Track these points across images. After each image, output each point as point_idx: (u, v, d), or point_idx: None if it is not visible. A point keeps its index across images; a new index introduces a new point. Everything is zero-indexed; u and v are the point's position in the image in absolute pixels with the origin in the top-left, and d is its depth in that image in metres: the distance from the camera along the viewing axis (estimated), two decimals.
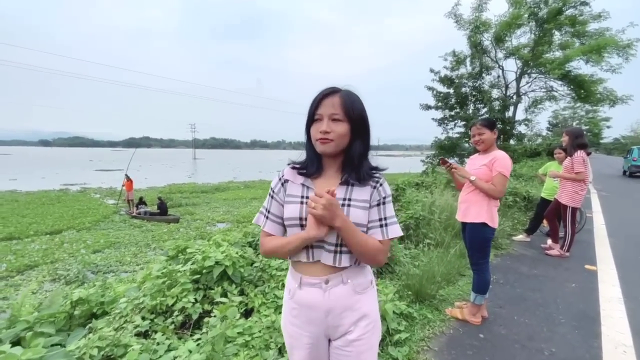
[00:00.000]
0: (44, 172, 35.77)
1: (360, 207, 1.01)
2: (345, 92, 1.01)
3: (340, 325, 1.04)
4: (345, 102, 0.99)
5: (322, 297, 1.02)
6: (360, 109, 1.02)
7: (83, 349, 1.76)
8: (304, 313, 1.06)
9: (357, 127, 1.01)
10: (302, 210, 1.02)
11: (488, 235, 2.35)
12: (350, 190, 1.02)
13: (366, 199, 1.02)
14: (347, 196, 1.02)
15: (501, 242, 4.49)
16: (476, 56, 16.70)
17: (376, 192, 1.03)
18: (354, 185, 1.03)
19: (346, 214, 0.99)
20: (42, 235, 10.69)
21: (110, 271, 7.62)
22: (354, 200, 1.01)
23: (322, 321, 1.04)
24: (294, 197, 1.05)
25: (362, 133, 1.02)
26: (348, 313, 1.03)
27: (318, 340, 1.07)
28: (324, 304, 1.02)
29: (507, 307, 2.78)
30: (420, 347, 2.14)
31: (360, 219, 1.00)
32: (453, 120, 17.91)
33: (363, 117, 1.02)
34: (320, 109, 1.00)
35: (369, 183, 1.03)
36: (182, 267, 2.70)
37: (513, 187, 6.67)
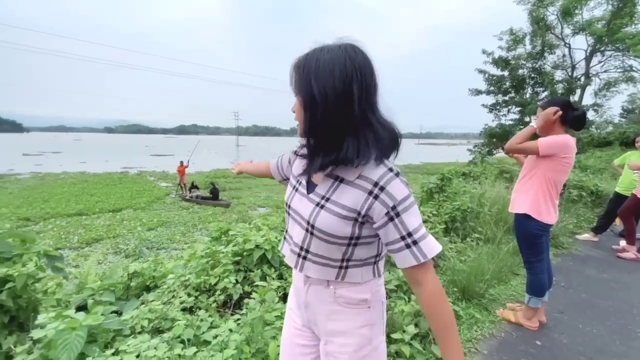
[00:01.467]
0: (108, 156, 39.74)
1: (335, 214, 0.76)
2: (302, 60, 0.75)
3: (316, 325, 0.92)
4: (299, 73, 0.75)
5: (303, 288, 0.91)
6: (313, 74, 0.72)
7: (135, 319, 1.89)
8: (294, 294, 1.00)
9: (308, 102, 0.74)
10: (289, 195, 0.90)
11: (533, 230, 2.07)
12: (335, 187, 0.79)
13: (348, 205, 0.76)
14: (327, 194, 0.79)
15: (562, 240, 4.02)
16: (538, 33, 14.99)
17: (377, 202, 0.74)
18: (343, 181, 0.78)
19: (314, 216, 0.79)
20: (106, 212, 11.92)
21: (162, 248, 8.28)
22: (331, 202, 0.78)
23: (303, 310, 0.94)
24: (294, 178, 0.92)
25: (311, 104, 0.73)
26: (323, 319, 0.88)
27: (296, 321, 0.98)
28: (303, 296, 0.91)
29: (569, 314, 2.48)
30: (467, 349, 1.99)
31: (329, 227, 0.76)
32: (507, 105, 16.44)
33: (310, 84, 0.72)
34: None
35: (362, 185, 0.75)
36: (225, 248, 2.79)
37: (578, 180, 5.93)
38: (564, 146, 1.92)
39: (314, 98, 0.72)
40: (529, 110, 14.50)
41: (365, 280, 0.84)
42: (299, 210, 0.85)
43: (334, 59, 0.72)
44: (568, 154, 1.94)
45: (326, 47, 0.74)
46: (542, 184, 2.01)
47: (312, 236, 0.82)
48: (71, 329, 1.54)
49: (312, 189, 0.84)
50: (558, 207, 2.12)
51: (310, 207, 0.82)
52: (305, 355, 0.97)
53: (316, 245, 0.82)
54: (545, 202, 2.01)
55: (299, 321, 0.98)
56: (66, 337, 1.50)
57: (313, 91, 0.72)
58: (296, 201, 0.87)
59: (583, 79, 15.41)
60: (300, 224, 0.85)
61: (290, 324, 1.01)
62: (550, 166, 1.98)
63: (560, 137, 1.95)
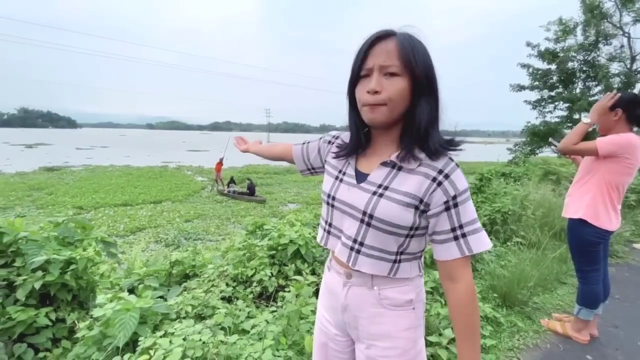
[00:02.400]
0: (149, 150, 42.39)
1: (397, 201, 0.74)
2: (404, 35, 0.72)
3: (356, 328, 0.87)
4: (404, 47, 0.70)
5: (342, 290, 0.86)
6: (426, 57, 0.73)
7: (180, 304, 2.01)
8: (328, 296, 0.93)
9: (421, 83, 0.72)
10: (333, 187, 0.85)
11: (589, 237, 1.91)
12: (394, 175, 0.76)
13: (410, 192, 0.74)
14: (384, 182, 0.77)
15: (617, 249, 3.69)
16: (592, 23, 13.71)
17: (440, 189, 0.72)
18: (402, 169, 0.76)
19: (373, 204, 0.75)
20: (148, 203, 12.75)
21: (198, 239, 8.70)
22: (391, 190, 0.75)
23: (339, 314, 0.89)
24: (334, 168, 0.88)
25: (429, 92, 0.73)
26: (365, 322, 0.84)
27: (330, 327, 0.93)
28: (342, 298, 0.87)
29: (625, 329, 2.27)
30: (508, 358, 1.90)
31: (391, 216, 0.74)
32: (553, 101, 15.25)
33: (429, 70, 0.73)
34: (368, 59, 0.73)
35: (425, 171, 0.74)
36: (260, 242, 2.88)
37: (638, 183, 5.39)
38: (626, 146, 1.75)
39: (430, 80, 0.73)
40: (578, 106, 13.37)
41: (413, 276, 0.82)
42: (349, 201, 0.81)
43: (424, 47, 0.74)
44: (631, 155, 1.77)
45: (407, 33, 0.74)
46: (601, 187, 1.85)
47: (368, 227, 0.77)
48: (126, 310, 1.67)
49: (363, 178, 0.81)
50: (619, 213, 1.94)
51: (365, 196, 0.78)
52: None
53: (372, 237, 0.78)
54: (605, 206, 1.84)
55: (333, 324, 0.93)
56: (122, 317, 1.63)
57: (429, 74, 0.73)
58: (343, 192, 0.83)
59: None
60: (352, 216, 0.80)
61: (322, 328, 0.97)
62: (610, 168, 1.81)
63: (622, 135, 1.78)
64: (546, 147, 14.10)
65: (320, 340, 0.97)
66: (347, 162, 0.87)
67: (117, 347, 1.54)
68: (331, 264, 0.93)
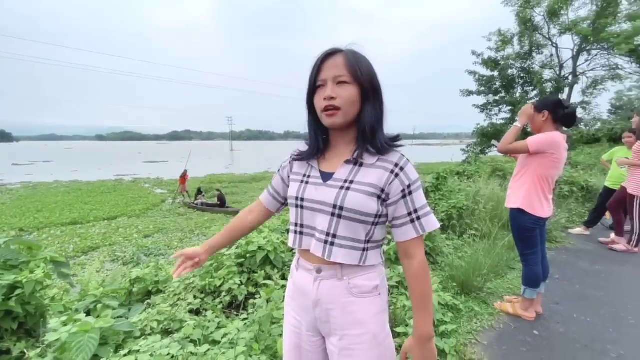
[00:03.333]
0: (100, 164, 39.32)
1: (361, 192, 0.83)
2: (349, 51, 0.86)
3: (328, 322, 0.91)
4: (351, 60, 0.83)
5: (312, 286, 0.91)
6: (369, 68, 0.86)
7: (145, 321, 1.92)
8: (297, 296, 0.97)
9: (366, 90, 0.85)
10: (299, 189, 0.91)
11: (526, 224, 2.16)
12: (357, 170, 0.86)
13: (373, 182, 0.84)
14: (349, 177, 0.86)
15: (555, 234, 4.14)
16: (525, 34, 15.30)
17: (397, 180, 0.84)
18: (363, 165, 0.86)
19: (342, 197, 0.84)
20: (101, 220, 11.81)
21: (160, 254, 8.23)
22: (356, 183, 0.84)
23: (311, 311, 0.93)
24: (298, 175, 0.96)
25: (374, 98, 0.86)
26: (337, 313, 0.89)
27: (302, 327, 0.96)
28: (313, 294, 0.91)
29: (564, 304, 2.57)
30: (467, 340, 2.06)
31: (359, 205, 0.83)
32: (497, 105, 16.71)
33: (373, 78, 0.86)
34: (322, 73, 0.85)
35: (384, 165, 0.85)
36: (227, 251, 2.83)
37: (569, 176, 6.09)
38: (552, 143, 2.02)
39: (374, 87, 0.87)
40: (519, 109, 14.76)
41: (377, 263, 0.91)
42: (318, 199, 0.87)
43: (367, 60, 0.87)
44: (556, 151, 2.03)
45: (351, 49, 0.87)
46: (534, 179, 2.10)
47: (339, 219, 0.84)
48: (84, 332, 1.57)
49: (329, 177, 0.89)
50: (552, 202, 2.21)
51: (333, 192, 0.86)
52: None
53: (344, 228, 0.85)
54: (538, 196, 2.10)
55: (304, 325, 0.96)
56: (79, 340, 1.53)
57: (373, 81, 0.86)
58: (311, 192, 0.89)
59: (571, 78, 15.73)
60: (322, 212, 0.87)
61: (294, 330, 0.99)
62: (540, 162, 2.07)
63: (548, 134, 2.05)
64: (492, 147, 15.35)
65: (293, 342, 0.99)
66: (309, 166, 0.95)
67: None
68: (299, 264, 0.97)
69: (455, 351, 1.87)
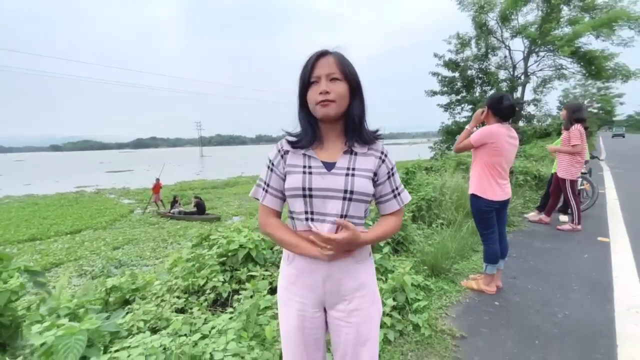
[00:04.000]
0: (57, 176, 36.63)
1: (364, 177, 0.98)
2: (338, 53, 1.00)
3: (337, 291, 1.02)
4: (341, 60, 0.97)
5: (322, 265, 1.00)
6: (353, 69, 1.00)
7: (130, 322, 1.93)
8: (302, 279, 1.03)
9: (353, 87, 0.99)
10: (305, 180, 0.97)
11: (481, 207, 2.45)
12: (354, 159, 1.00)
13: (370, 168, 1.00)
14: (350, 165, 0.99)
15: (513, 219, 4.55)
16: (481, 37, 16.38)
17: (384, 164, 1.03)
18: (357, 154, 1.01)
19: (350, 183, 0.97)
20: (63, 235, 11.08)
21: (132, 265, 7.91)
22: (357, 170, 0.99)
23: (320, 287, 1.02)
24: (296, 167, 1.00)
25: (359, 94, 1.01)
26: (346, 281, 1.02)
27: (307, 307, 1.04)
28: (323, 269, 1.00)
29: (520, 278, 2.88)
30: (438, 314, 2.27)
31: (365, 188, 0.98)
32: (459, 104, 17.71)
33: (357, 77, 1.00)
34: (316, 70, 0.96)
35: (373, 153, 1.02)
36: (209, 251, 2.86)
37: (523, 166, 6.67)
38: (488, 135, 2.33)
39: (359, 85, 1.01)
40: (479, 107, 15.74)
41: None
42: (328, 187, 0.97)
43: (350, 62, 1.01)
44: (495, 140, 2.33)
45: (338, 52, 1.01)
46: (482, 168, 2.40)
47: (350, 202, 0.97)
48: (70, 334, 1.57)
49: (331, 166, 0.99)
50: (506, 187, 2.48)
51: (340, 179, 0.97)
52: (314, 337, 1.07)
53: (354, 209, 0.98)
54: (489, 182, 2.38)
55: (311, 304, 1.04)
56: (66, 342, 1.54)
57: (358, 80, 1.00)
58: (318, 181, 0.97)
59: (523, 78, 17.07)
60: (334, 197, 0.97)
61: (299, 313, 1.05)
62: (484, 152, 2.38)
63: (485, 128, 2.36)
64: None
65: (296, 325, 1.05)
66: (306, 157, 1.01)
67: None
68: None
69: (427, 324, 2.07)
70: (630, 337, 1.98)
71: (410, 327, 2.05)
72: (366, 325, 1.04)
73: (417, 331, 2.02)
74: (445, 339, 1.98)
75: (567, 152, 4.11)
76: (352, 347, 1.04)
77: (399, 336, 2.00)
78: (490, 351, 1.90)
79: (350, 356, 1.05)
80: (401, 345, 1.93)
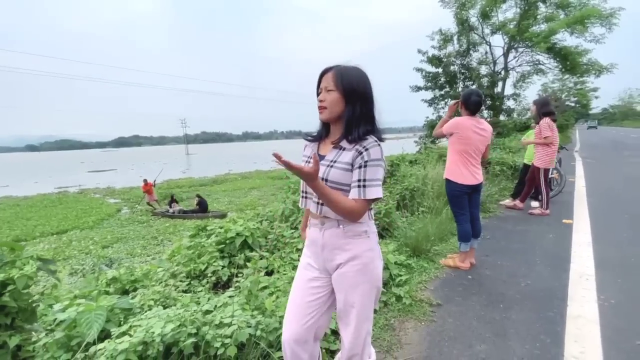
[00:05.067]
0: (36, 176, 35.48)
1: (340, 169, 1.14)
2: (339, 67, 1.17)
3: (333, 260, 1.23)
4: (336, 75, 1.15)
5: (319, 235, 1.24)
6: (351, 80, 1.16)
7: (141, 301, 2.12)
8: (310, 245, 1.30)
9: (348, 96, 1.15)
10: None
11: (453, 190, 2.77)
12: (339, 153, 1.17)
13: (348, 161, 1.14)
14: (335, 158, 1.18)
15: (489, 206, 4.91)
16: (463, 33, 16.86)
17: (360, 156, 1.13)
18: (344, 149, 1.17)
19: (327, 173, 1.15)
20: (49, 235, 10.95)
21: (123, 263, 7.96)
22: (338, 162, 1.16)
23: (320, 255, 1.25)
24: (305, 156, 1.30)
25: (355, 100, 1.16)
26: (338, 251, 1.21)
27: (314, 266, 1.29)
28: (320, 240, 1.23)
29: (492, 256, 3.20)
30: (418, 288, 2.55)
31: (337, 178, 1.14)
32: (443, 99, 18.20)
33: (353, 87, 1.15)
34: (321, 83, 1.20)
35: (356, 148, 1.14)
36: (208, 239, 3.05)
37: (500, 157, 7.08)
38: (455, 126, 2.67)
39: (356, 93, 1.16)
40: None
41: (364, 220, 1.21)
42: None
43: (360, 72, 1.20)
44: (461, 131, 2.64)
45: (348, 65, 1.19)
46: (453, 155, 2.71)
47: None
48: (90, 311, 1.76)
49: (322, 158, 1.21)
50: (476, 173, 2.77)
51: (323, 169, 1.17)
52: (316, 294, 1.26)
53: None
54: (459, 168, 2.68)
55: (317, 268, 1.27)
56: (87, 317, 1.72)
57: (355, 88, 1.16)
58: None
59: (503, 73, 17.71)
60: None
61: (307, 269, 1.30)
62: (454, 141, 2.70)
63: (453, 119, 2.69)
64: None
65: (305, 276, 1.30)
66: (312, 150, 1.28)
67: (88, 343, 1.64)
68: (310, 222, 1.30)
69: (408, 295, 2.34)
70: (579, 299, 2.31)
71: (393, 298, 2.32)
72: (352, 290, 1.21)
73: (399, 301, 2.29)
74: (423, 307, 2.26)
75: (540, 144, 4.47)
76: (342, 307, 1.26)
77: (384, 306, 2.26)
78: (461, 314, 2.18)
79: (342, 314, 1.28)
80: (385, 313, 2.20)
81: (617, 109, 76.51)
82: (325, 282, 1.29)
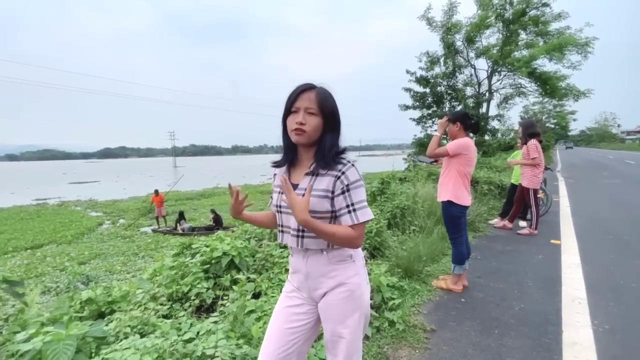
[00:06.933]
0: (13, 187, 34.07)
1: (317, 196, 1.08)
2: (321, 89, 1.11)
3: (318, 288, 1.16)
4: (320, 97, 1.08)
5: (302, 263, 1.17)
6: (332, 105, 1.11)
7: (116, 328, 1.96)
8: (294, 274, 1.23)
9: (328, 121, 1.10)
10: (277, 199, 1.17)
11: (454, 212, 2.71)
12: (314, 180, 1.10)
13: (325, 188, 1.08)
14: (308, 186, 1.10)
15: (478, 225, 4.93)
16: (449, 56, 17.54)
17: (339, 181, 1.07)
18: (319, 175, 1.10)
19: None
20: (22, 250, 10.39)
21: (101, 281, 7.56)
22: (314, 190, 1.08)
23: (304, 283, 1.19)
24: (276, 187, 1.22)
25: (333, 127, 1.11)
26: (323, 279, 1.15)
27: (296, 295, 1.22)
28: (303, 269, 1.17)
29: (484, 277, 3.16)
30: (411, 311, 2.47)
31: (316, 206, 1.07)
32: (430, 118, 18.68)
33: (334, 113, 1.12)
34: (297, 102, 1.08)
35: (332, 173, 1.08)
36: (192, 259, 2.91)
37: (488, 176, 7.20)
38: (464, 146, 2.61)
39: (335, 119, 1.12)
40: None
41: None
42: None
43: (332, 96, 1.14)
44: (468, 152, 2.62)
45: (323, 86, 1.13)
46: (455, 176, 2.67)
47: None
48: (58, 340, 1.60)
49: (295, 187, 1.13)
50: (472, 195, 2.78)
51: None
52: (300, 321, 1.19)
53: None
54: (461, 189, 2.67)
55: (301, 297, 1.20)
56: (55, 347, 1.57)
57: (335, 115, 1.12)
58: (284, 200, 1.12)
59: (487, 94, 18.40)
60: (292, 214, 1.07)
61: (288, 302, 1.22)
62: (458, 162, 2.65)
63: (461, 140, 2.63)
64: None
65: (288, 302, 1.22)
66: (283, 179, 1.17)
67: None
68: (292, 250, 1.21)
69: (402, 320, 2.25)
70: (573, 324, 2.27)
71: (386, 323, 2.23)
72: (340, 320, 1.14)
73: (393, 327, 2.20)
74: (417, 333, 2.18)
75: (528, 164, 4.55)
76: (330, 337, 1.18)
77: (376, 332, 2.16)
78: (456, 341, 2.11)
79: (330, 345, 1.19)
80: (378, 340, 2.10)
81: (594, 131, 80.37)
82: (310, 309, 1.22)
